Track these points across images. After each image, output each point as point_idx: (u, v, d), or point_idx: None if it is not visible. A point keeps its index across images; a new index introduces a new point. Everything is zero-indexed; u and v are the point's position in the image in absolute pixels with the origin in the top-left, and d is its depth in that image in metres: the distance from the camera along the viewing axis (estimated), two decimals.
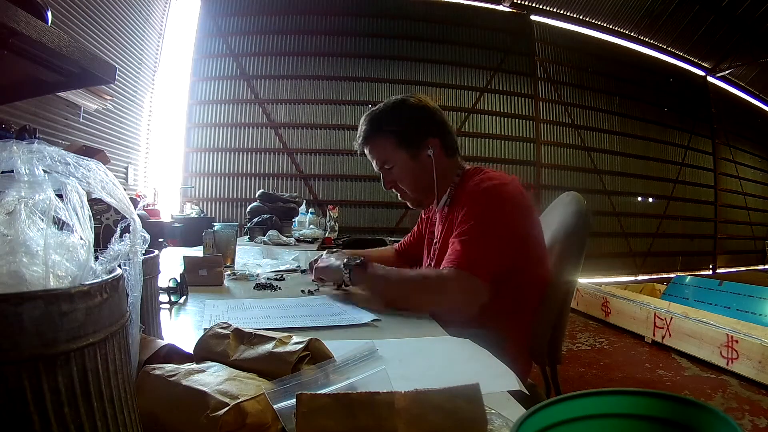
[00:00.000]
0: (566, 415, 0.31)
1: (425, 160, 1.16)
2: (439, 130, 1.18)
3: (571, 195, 1.25)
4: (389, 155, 1.18)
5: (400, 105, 1.18)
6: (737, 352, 3.04)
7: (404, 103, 1.18)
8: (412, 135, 1.16)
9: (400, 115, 1.17)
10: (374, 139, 1.19)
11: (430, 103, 1.20)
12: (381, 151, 1.19)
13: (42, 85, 1.12)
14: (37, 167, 0.31)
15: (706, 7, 7.58)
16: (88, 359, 0.27)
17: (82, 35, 3.73)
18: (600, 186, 7.42)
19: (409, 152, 1.16)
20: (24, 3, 0.82)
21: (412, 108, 1.17)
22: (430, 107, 1.19)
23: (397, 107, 1.18)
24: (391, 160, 1.18)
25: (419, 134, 1.16)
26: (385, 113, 1.18)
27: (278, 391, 0.44)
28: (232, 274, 1.36)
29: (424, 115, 1.18)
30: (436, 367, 0.66)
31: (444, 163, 1.19)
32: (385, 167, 1.20)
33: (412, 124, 1.16)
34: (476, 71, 6.89)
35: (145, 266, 0.41)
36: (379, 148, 1.19)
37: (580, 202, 1.19)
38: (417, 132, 1.16)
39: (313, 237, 3.05)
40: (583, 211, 1.16)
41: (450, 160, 1.20)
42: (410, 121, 1.16)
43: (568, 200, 1.23)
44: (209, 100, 6.29)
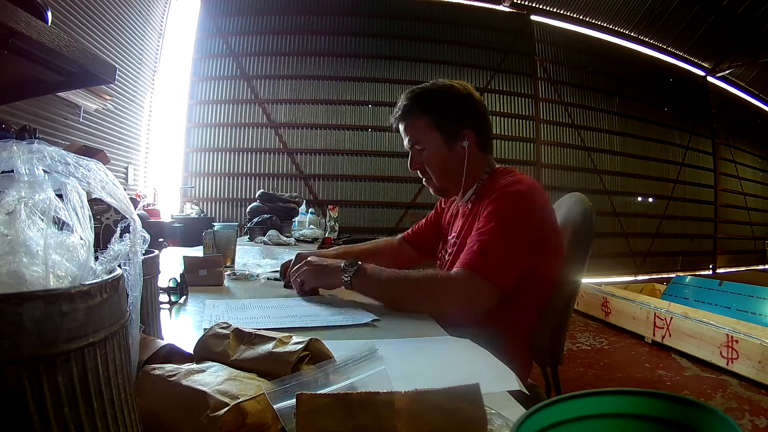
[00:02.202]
0: (566, 415, 0.31)
1: (459, 150, 1.13)
2: (478, 122, 1.15)
3: (576, 196, 1.24)
4: (423, 136, 1.14)
5: (445, 89, 1.14)
6: (737, 352, 3.04)
7: (450, 88, 1.14)
8: (450, 121, 1.13)
9: (443, 98, 1.13)
10: (411, 117, 1.15)
11: (475, 94, 1.16)
12: (415, 130, 1.15)
13: (42, 85, 1.12)
14: (37, 167, 0.31)
15: (706, 7, 7.58)
16: (88, 359, 0.27)
17: (82, 35, 3.73)
18: (600, 186, 7.42)
19: (443, 138, 1.13)
20: (24, 3, 0.82)
21: (457, 95, 1.14)
22: (475, 98, 1.16)
23: (442, 90, 1.14)
24: (424, 142, 1.14)
25: (458, 122, 1.13)
26: (428, 93, 1.14)
27: (278, 391, 0.44)
28: (232, 274, 1.36)
29: (467, 104, 1.14)
30: (436, 367, 0.66)
31: (476, 157, 1.16)
32: (416, 147, 1.16)
33: (452, 110, 1.13)
34: (476, 71, 6.89)
35: (145, 266, 0.41)
36: (415, 126, 1.15)
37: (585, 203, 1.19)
38: (456, 119, 1.13)
39: (313, 237, 3.05)
40: (589, 212, 1.15)
41: (482, 156, 1.17)
42: (451, 107, 1.13)
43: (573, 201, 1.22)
44: (209, 100, 6.29)
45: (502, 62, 7.00)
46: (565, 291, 1.12)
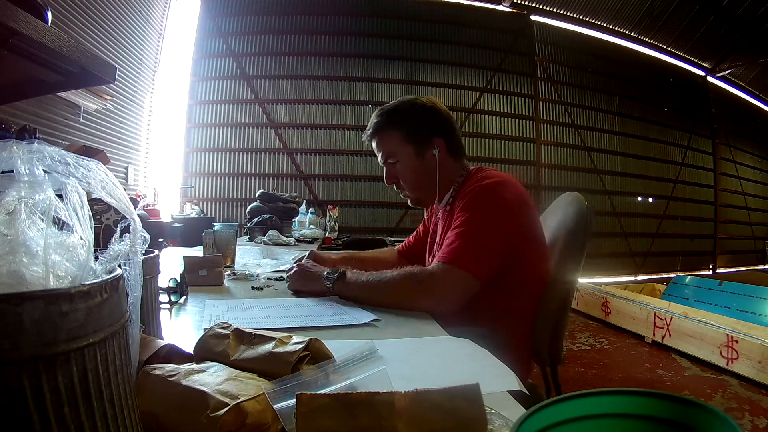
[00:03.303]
0: (566, 415, 0.31)
1: (429, 159, 1.18)
2: (445, 131, 1.21)
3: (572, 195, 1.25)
4: (394, 149, 1.20)
5: (411, 102, 1.21)
6: (737, 352, 3.04)
7: (416, 102, 1.21)
8: (419, 132, 1.18)
9: (409, 111, 1.20)
10: (382, 132, 1.21)
11: (440, 105, 1.23)
12: (387, 144, 1.21)
13: (42, 85, 1.12)
14: (37, 167, 0.31)
15: (706, 7, 7.58)
16: (88, 359, 0.27)
17: (82, 35, 3.73)
18: (600, 186, 7.42)
19: (414, 149, 1.18)
20: (24, 3, 0.82)
21: (422, 107, 1.20)
22: (440, 109, 1.21)
23: (408, 104, 1.21)
24: (396, 155, 1.20)
25: (426, 133, 1.18)
26: (395, 109, 1.21)
27: (278, 391, 0.44)
28: (232, 274, 1.36)
29: (433, 115, 1.20)
30: (436, 367, 0.66)
31: (448, 163, 1.20)
32: (389, 161, 1.22)
33: (420, 122, 1.19)
34: (476, 71, 6.89)
35: (145, 266, 0.41)
36: (386, 141, 1.21)
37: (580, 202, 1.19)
38: (424, 130, 1.19)
39: (313, 237, 3.06)
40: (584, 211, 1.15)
41: (454, 162, 1.22)
42: (419, 119, 1.19)
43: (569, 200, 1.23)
44: (209, 100, 6.29)
45: (502, 62, 7.00)
46: (560, 290, 1.12)
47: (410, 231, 1.55)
